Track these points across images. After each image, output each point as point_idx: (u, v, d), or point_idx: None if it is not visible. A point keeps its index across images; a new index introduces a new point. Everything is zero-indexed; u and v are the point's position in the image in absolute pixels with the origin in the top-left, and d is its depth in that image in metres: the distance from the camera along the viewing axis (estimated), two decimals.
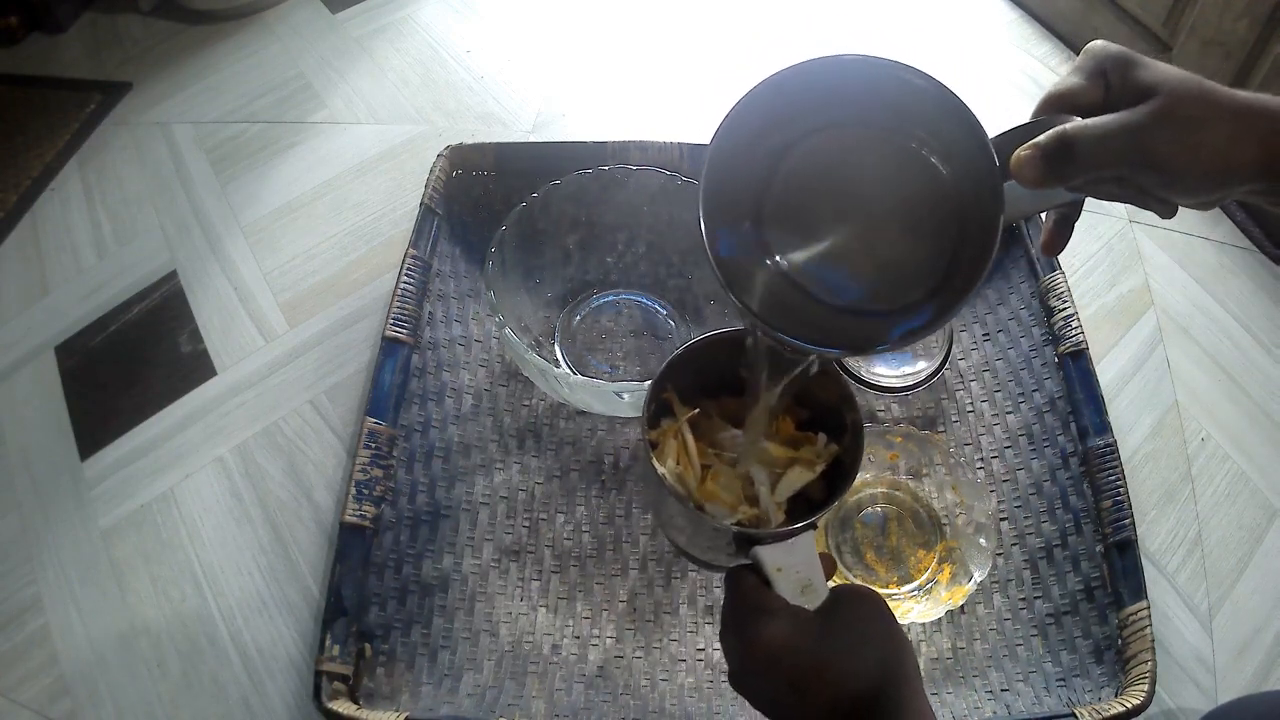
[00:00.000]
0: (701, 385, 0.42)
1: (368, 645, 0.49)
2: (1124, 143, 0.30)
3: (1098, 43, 0.33)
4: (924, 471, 0.55)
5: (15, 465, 0.60)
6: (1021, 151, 0.31)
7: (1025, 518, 0.54)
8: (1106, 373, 0.64)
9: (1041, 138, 0.31)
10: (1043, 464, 0.56)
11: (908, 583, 0.53)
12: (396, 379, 0.57)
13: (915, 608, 0.50)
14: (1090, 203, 0.78)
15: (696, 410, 0.41)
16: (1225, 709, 0.44)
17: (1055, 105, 0.33)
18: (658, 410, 0.41)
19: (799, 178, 0.34)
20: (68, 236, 0.72)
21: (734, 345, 0.39)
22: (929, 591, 0.52)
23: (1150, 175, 0.31)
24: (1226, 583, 0.56)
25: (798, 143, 0.34)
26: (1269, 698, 0.45)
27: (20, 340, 0.66)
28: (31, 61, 0.88)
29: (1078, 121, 0.31)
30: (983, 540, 0.51)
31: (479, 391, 0.60)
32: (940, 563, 0.53)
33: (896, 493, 0.56)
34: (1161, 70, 0.31)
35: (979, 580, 0.50)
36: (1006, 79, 0.86)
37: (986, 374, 0.60)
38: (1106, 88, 0.33)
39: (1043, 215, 0.40)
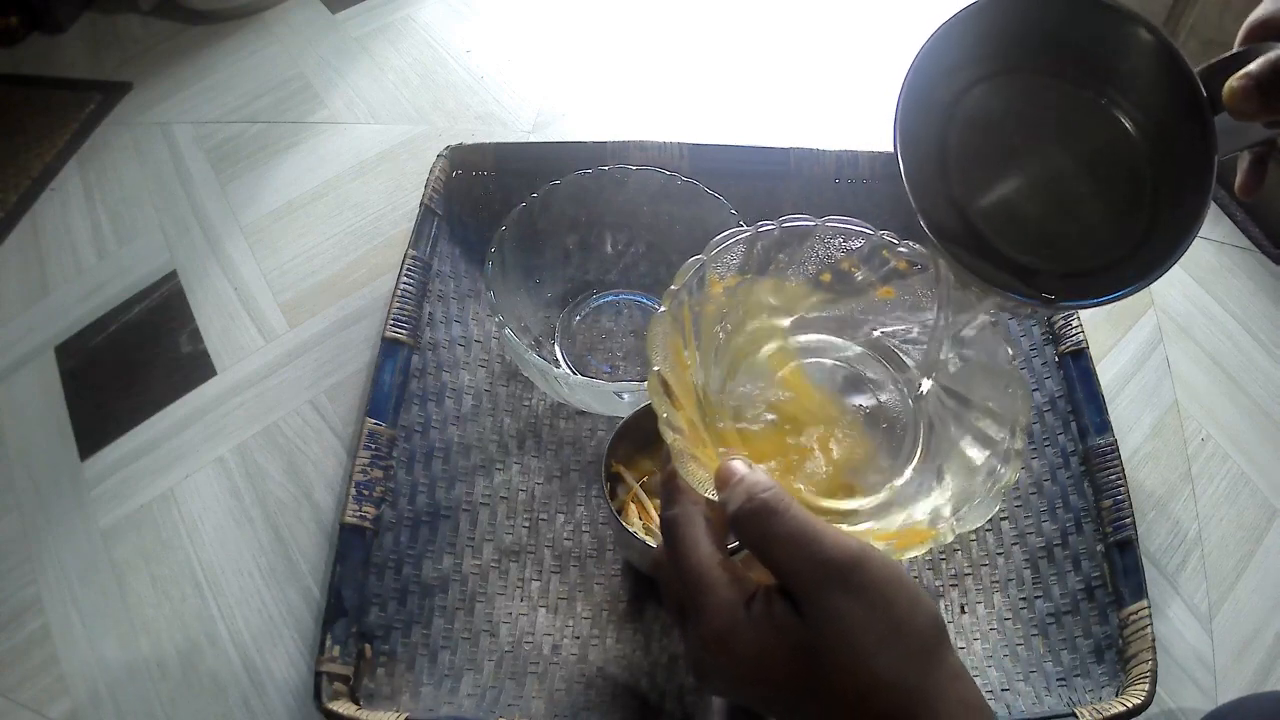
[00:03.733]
0: (639, 448, 0.51)
1: (368, 646, 0.49)
2: None
3: None
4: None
5: (15, 465, 0.60)
6: (1234, 82, 0.29)
7: (1026, 517, 0.54)
8: (1107, 373, 0.64)
9: (1253, 66, 0.29)
10: (1043, 463, 0.56)
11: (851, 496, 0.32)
12: (396, 379, 0.57)
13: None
14: None
15: (644, 478, 0.50)
16: (1227, 709, 0.44)
17: (1260, 33, 0.31)
18: (613, 483, 0.50)
19: (979, 124, 0.33)
20: (68, 236, 0.72)
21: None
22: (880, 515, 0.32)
23: None
24: (1226, 583, 0.56)
25: (980, 83, 0.33)
26: (1271, 698, 0.45)
27: (20, 340, 0.66)
28: (31, 61, 0.88)
29: None
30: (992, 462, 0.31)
31: (479, 392, 0.60)
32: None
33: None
34: None
35: (958, 525, 0.29)
36: None
37: None
38: None
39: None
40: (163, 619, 0.53)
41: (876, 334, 0.35)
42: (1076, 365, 0.57)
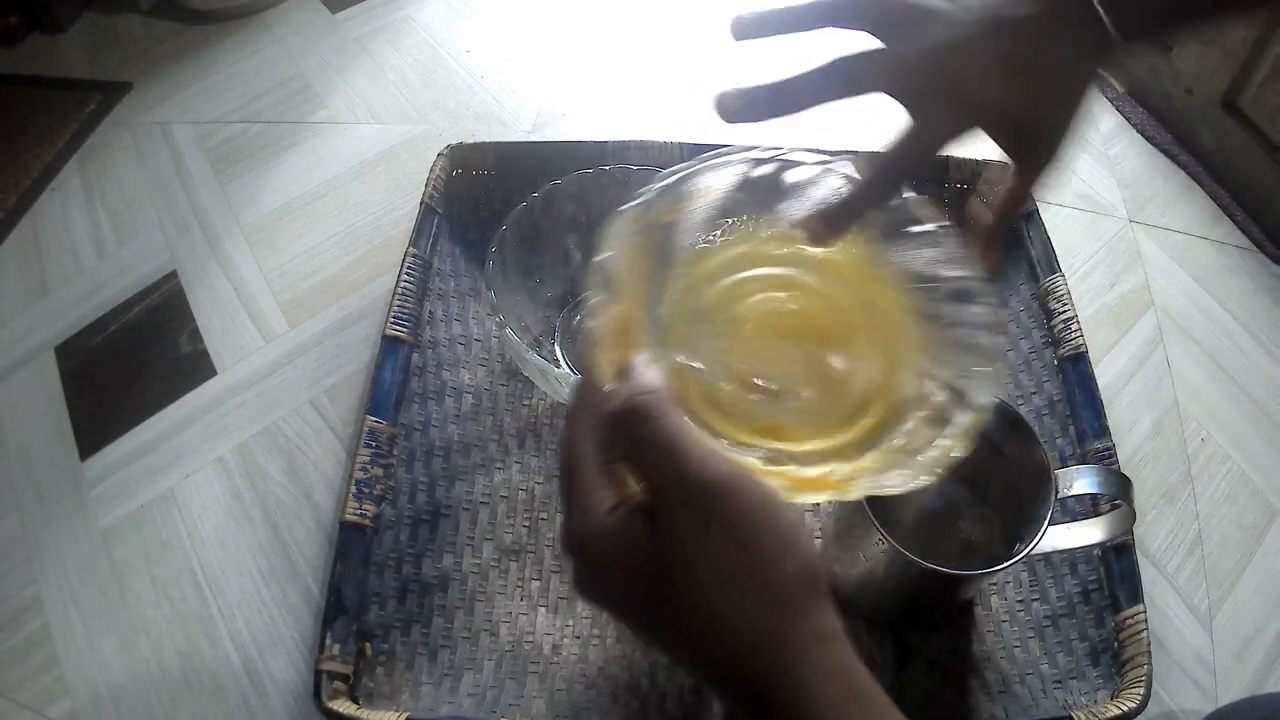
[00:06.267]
0: None
1: (368, 645, 0.49)
2: None
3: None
4: None
5: (15, 465, 0.60)
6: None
7: None
8: (1106, 373, 0.64)
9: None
10: None
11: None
12: (397, 377, 0.57)
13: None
14: (1091, 202, 0.78)
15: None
16: (1229, 710, 0.44)
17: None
18: None
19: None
20: (68, 236, 0.73)
21: None
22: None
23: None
24: (1226, 583, 0.56)
25: None
26: (1273, 700, 0.44)
27: (20, 340, 0.66)
28: (31, 61, 0.88)
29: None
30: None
31: (479, 391, 0.60)
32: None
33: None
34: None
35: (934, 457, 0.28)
36: None
37: None
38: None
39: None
40: (163, 619, 0.53)
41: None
42: (1075, 370, 0.57)
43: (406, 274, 0.60)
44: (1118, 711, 0.44)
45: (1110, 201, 0.76)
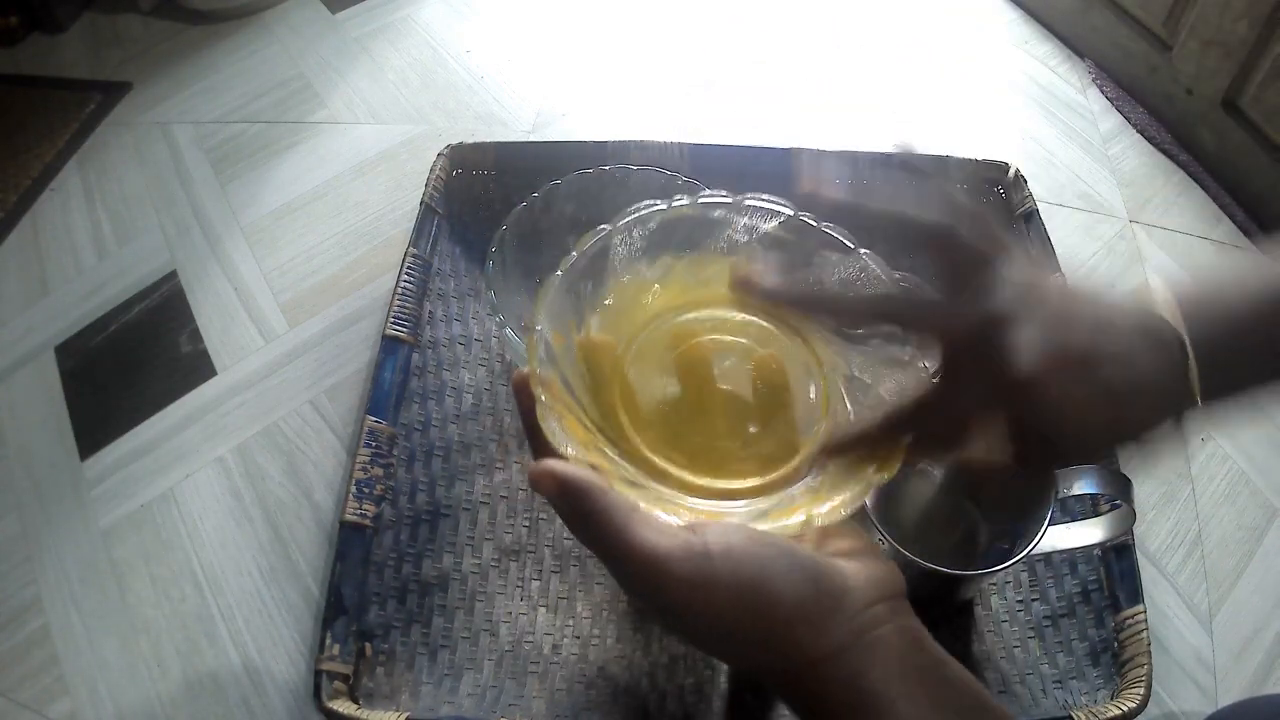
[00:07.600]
0: None
1: (368, 644, 0.49)
2: None
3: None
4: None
5: (15, 465, 0.60)
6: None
7: None
8: None
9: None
10: None
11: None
12: (397, 378, 0.57)
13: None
14: (1091, 202, 0.78)
15: None
16: (1229, 712, 0.44)
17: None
18: None
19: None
20: (68, 236, 0.73)
21: None
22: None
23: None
24: (1226, 583, 0.56)
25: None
26: (1272, 701, 0.44)
27: (20, 340, 0.66)
28: (31, 61, 0.88)
29: None
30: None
31: (479, 391, 0.60)
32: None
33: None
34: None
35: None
36: (1006, 79, 0.86)
37: None
38: None
39: None
40: (163, 619, 0.53)
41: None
42: None
43: (406, 274, 0.60)
44: (1118, 711, 0.44)
45: (1110, 201, 0.76)
